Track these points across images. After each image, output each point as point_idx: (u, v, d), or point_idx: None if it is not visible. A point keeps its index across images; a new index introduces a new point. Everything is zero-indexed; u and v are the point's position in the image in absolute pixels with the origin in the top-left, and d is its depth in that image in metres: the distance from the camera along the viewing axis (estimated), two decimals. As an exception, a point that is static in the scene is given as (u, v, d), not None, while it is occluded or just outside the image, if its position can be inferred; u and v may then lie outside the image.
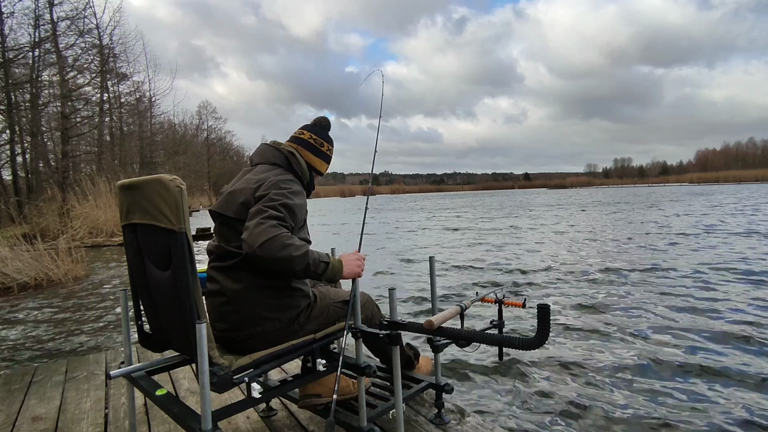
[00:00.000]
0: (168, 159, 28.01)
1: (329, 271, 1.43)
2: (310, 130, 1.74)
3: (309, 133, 1.72)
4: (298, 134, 1.74)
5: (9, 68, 14.41)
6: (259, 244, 1.29)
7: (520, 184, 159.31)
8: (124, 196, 1.47)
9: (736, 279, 5.68)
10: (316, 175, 1.76)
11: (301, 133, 1.73)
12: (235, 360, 1.37)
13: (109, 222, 12.67)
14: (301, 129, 1.75)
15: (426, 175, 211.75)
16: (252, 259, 1.33)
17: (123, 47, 19.65)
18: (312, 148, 1.71)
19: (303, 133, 1.73)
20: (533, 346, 1.28)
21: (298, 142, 1.71)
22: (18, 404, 2.24)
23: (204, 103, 68.59)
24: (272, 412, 1.98)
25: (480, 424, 1.82)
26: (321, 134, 1.74)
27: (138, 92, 22.83)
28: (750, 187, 47.23)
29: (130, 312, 1.66)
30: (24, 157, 15.89)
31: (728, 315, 4.19)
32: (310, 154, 1.70)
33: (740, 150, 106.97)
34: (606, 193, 49.77)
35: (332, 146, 1.78)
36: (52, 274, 6.80)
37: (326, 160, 1.76)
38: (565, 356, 3.30)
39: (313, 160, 1.71)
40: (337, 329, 1.63)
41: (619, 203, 26.54)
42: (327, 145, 1.75)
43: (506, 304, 1.71)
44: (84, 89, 17.77)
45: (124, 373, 1.56)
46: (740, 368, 2.99)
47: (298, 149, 1.68)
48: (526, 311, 4.19)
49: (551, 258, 7.93)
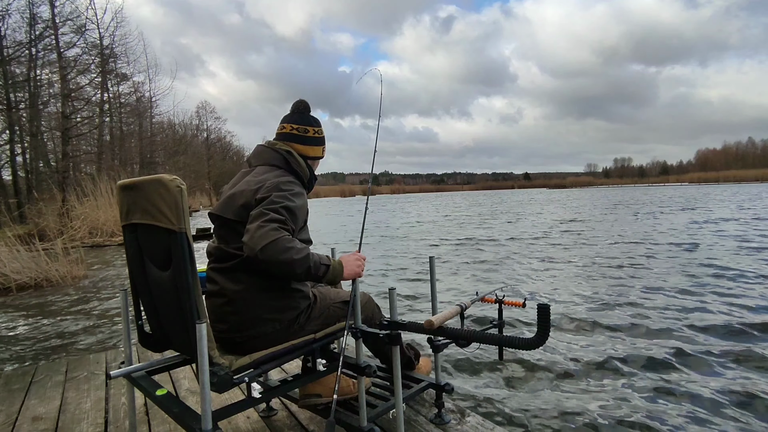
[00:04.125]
0: (168, 159, 28.01)
1: (330, 273, 1.43)
2: (289, 121, 1.67)
3: (289, 125, 1.66)
4: (280, 129, 1.67)
5: (8, 67, 14.41)
6: (260, 248, 1.28)
7: (520, 183, 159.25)
8: (124, 196, 1.47)
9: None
10: (315, 162, 1.71)
11: (282, 128, 1.67)
12: (235, 360, 1.36)
13: (109, 222, 12.67)
14: (282, 123, 1.68)
15: (426, 175, 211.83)
16: (253, 262, 1.32)
17: (123, 48, 19.66)
18: (298, 139, 1.65)
19: (284, 127, 1.66)
20: (533, 345, 1.28)
21: (284, 138, 1.65)
22: (18, 404, 2.24)
23: (203, 103, 68.57)
24: (272, 412, 1.98)
25: (480, 424, 1.82)
26: (301, 120, 1.67)
27: (138, 92, 22.86)
28: (759, 187, 46.98)
29: (130, 312, 1.66)
30: (24, 157, 15.89)
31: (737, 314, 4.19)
32: (298, 145, 1.65)
33: (740, 150, 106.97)
34: (619, 194, 49.72)
35: (319, 126, 1.70)
36: (51, 274, 6.79)
37: (317, 143, 1.69)
38: (566, 356, 3.30)
39: (304, 149, 1.65)
40: (338, 329, 1.63)
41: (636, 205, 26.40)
42: (312, 128, 1.67)
43: (506, 303, 1.71)
44: (84, 89, 17.79)
45: (125, 373, 1.56)
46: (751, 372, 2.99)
47: (290, 147, 1.63)
48: (526, 311, 4.19)
49: (552, 258, 7.94)
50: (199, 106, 55.85)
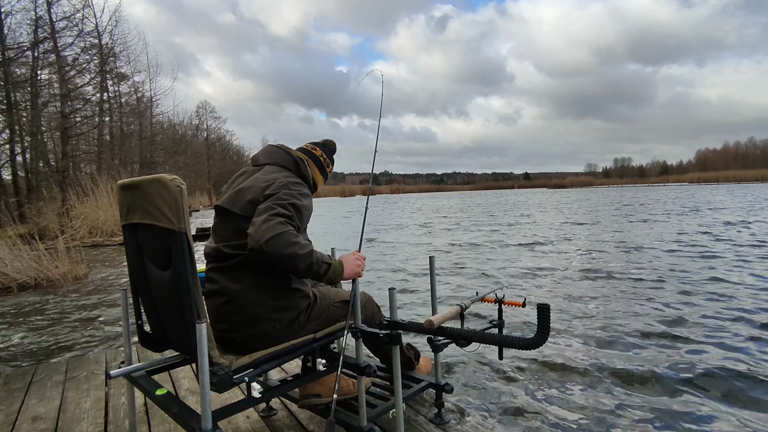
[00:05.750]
0: (168, 159, 28.01)
1: (330, 272, 1.44)
2: (321, 148, 1.85)
3: (321, 151, 1.84)
4: (311, 149, 1.82)
5: (8, 68, 14.40)
6: (265, 240, 1.30)
7: (520, 183, 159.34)
8: (124, 196, 1.47)
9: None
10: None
11: (313, 149, 1.83)
12: (235, 360, 1.37)
13: (108, 221, 12.66)
14: (313, 145, 1.85)
15: (426, 175, 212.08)
16: (256, 254, 1.33)
17: (123, 47, 19.66)
18: (319, 165, 1.82)
19: (315, 149, 1.83)
20: (533, 345, 1.28)
21: (310, 156, 1.80)
22: (18, 404, 2.24)
23: (203, 103, 68.45)
24: (272, 411, 1.98)
25: (480, 424, 1.82)
26: (329, 155, 1.87)
27: (138, 92, 22.86)
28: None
29: (130, 312, 1.66)
30: (24, 156, 15.88)
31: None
32: (316, 169, 1.81)
33: (740, 150, 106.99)
34: (626, 194, 49.70)
35: (332, 167, 1.92)
36: (51, 273, 6.79)
37: (326, 178, 1.90)
38: (566, 356, 3.30)
39: (318, 176, 1.81)
40: (338, 329, 1.63)
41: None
42: (331, 166, 1.89)
43: (506, 303, 1.71)
44: (84, 89, 17.78)
45: (124, 372, 1.56)
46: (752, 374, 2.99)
47: (308, 161, 1.76)
48: (526, 311, 4.19)
49: (554, 257, 7.94)
50: (199, 105, 55.95)
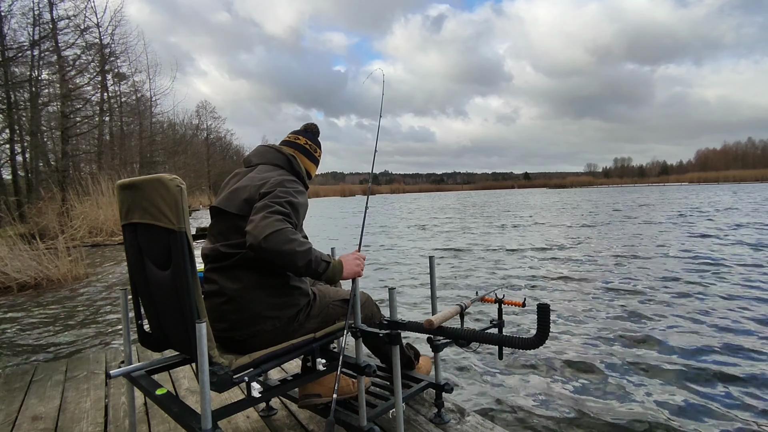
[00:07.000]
0: (168, 159, 27.99)
1: (329, 271, 1.44)
2: (304, 135, 1.80)
3: (304, 139, 1.79)
4: (294, 139, 1.78)
5: (9, 67, 14.39)
6: (264, 236, 1.30)
7: (520, 183, 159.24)
8: (123, 196, 1.47)
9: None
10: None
11: (296, 138, 1.78)
12: (235, 359, 1.37)
13: (108, 221, 12.65)
14: (295, 134, 1.80)
15: (426, 175, 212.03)
16: (256, 251, 1.33)
17: (124, 47, 19.65)
18: (307, 153, 1.78)
19: (299, 138, 1.78)
20: (533, 345, 1.28)
21: (295, 147, 1.76)
22: (18, 403, 2.24)
23: (203, 102, 68.48)
24: (272, 411, 1.98)
25: (480, 424, 1.82)
26: (314, 140, 1.82)
27: (138, 92, 22.84)
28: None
29: (130, 311, 1.66)
30: (24, 156, 15.87)
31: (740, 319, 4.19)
32: (306, 159, 1.77)
33: (740, 150, 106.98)
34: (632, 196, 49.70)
35: (321, 150, 1.87)
36: (51, 273, 6.79)
37: (317, 164, 1.86)
38: (566, 356, 3.30)
39: (309, 165, 1.79)
40: (337, 329, 1.63)
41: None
42: (319, 150, 1.84)
43: (506, 303, 1.71)
44: (84, 89, 17.77)
45: (124, 372, 1.56)
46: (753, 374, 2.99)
47: (296, 154, 1.74)
48: (526, 311, 4.19)
49: (555, 258, 7.93)
50: (199, 105, 55.88)
